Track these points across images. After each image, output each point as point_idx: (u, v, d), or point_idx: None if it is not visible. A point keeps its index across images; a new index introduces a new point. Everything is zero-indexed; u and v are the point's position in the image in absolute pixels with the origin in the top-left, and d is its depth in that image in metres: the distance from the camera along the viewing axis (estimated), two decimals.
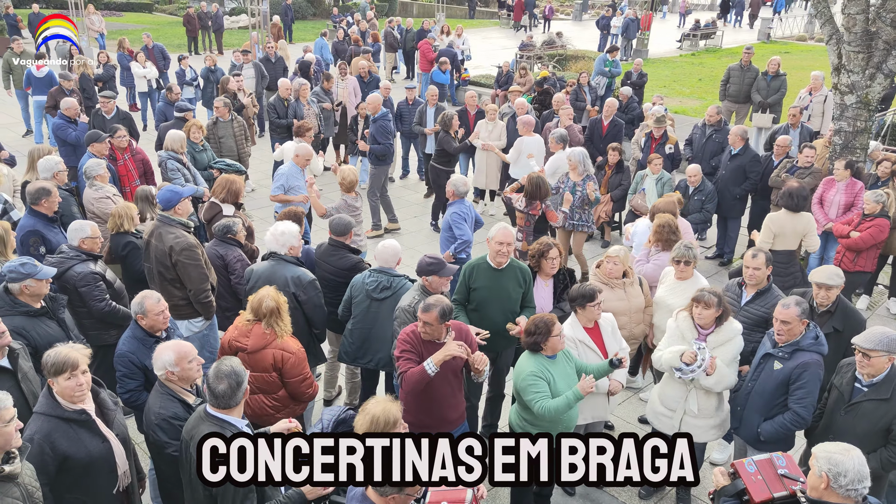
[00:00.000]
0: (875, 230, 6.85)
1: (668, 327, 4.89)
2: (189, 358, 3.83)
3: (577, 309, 4.84)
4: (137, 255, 5.87)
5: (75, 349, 3.60)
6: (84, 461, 3.55)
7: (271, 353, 4.47)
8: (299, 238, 5.51)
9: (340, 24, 21.33)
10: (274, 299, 4.51)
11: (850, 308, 5.18)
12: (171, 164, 7.75)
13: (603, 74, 14.58)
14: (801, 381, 4.32)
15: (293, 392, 4.61)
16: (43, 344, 4.45)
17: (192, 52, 22.30)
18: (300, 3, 31.91)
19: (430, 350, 4.31)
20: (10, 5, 20.88)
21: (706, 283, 5.59)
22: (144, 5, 35.67)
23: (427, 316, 4.22)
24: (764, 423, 4.50)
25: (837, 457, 3.01)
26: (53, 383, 3.54)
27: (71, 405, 3.57)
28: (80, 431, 3.58)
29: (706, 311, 4.56)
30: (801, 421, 4.37)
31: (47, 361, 3.53)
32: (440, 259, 4.85)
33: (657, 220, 6.13)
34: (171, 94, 10.51)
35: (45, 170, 6.65)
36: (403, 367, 4.27)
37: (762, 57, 14.35)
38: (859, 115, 8.46)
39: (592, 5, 39.02)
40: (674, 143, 9.57)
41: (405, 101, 11.19)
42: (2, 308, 4.48)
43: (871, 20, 8.13)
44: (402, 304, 4.90)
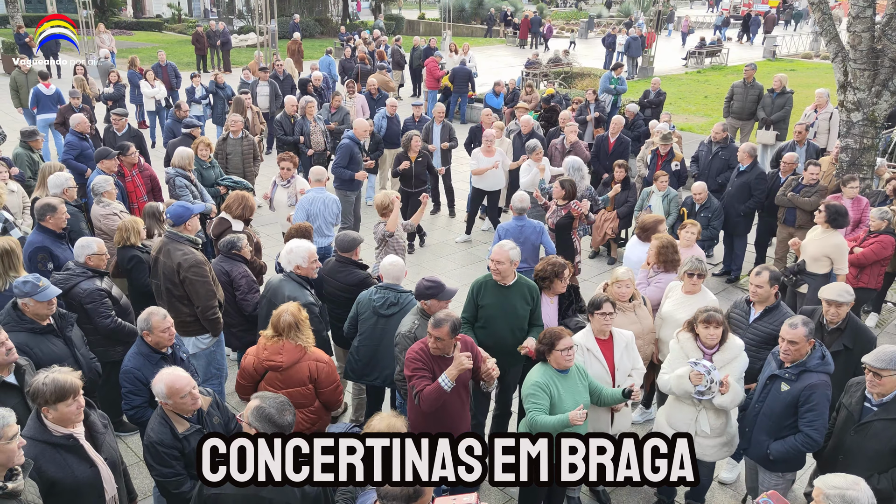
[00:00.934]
0: (877, 246, 6.82)
1: (672, 349, 4.82)
2: (181, 394, 3.77)
3: (589, 317, 4.84)
4: (143, 268, 5.88)
5: (65, 373, 3.54)
6: (71, 487, 3.50)
7: (306, 365, 4.47)
8: (310, 259, 5.42)
9: (348, 43, 21.52)
10: (293, 314, 4.49)
11: (860, 325, 5.14)
12: (179, 181, 7.80)
13: (608, 91, 14.62)
14: (811, 403, 4.26)
15: (327, 400, 4.62)
16: (45, 362, 4.39)
17: (202, 70, 22.53)
18: (308, 21, 32.26)
19: (440, 365, 4.29)
20: (21, 25, 21.16)
21: (713, 298, 5.58)
22: (154, 24, 36.15)
23: (438, 331, 4.21)
24: (774, 443, 4.45)
25: (851, 493, 3.00)
26: (49, 411, 3.48)
27: (61, 430, 3.52)
28: (67, 457, 3.52)
29: (717, 331, 4.52)
30: (813, 443, 4.32)
31: (45, 390, 3.44)
32: (439, 282, 4.79)
33: (657, 241, 6.05)
34: (180, 111, 10.61)
35: (55, 186, 6.69)
36: (419, 385, 4.23)
37: (768, 75, 14.39)
38: (866, 132, 8.46)
39: (598, 23, 39.28)
40: (680, 160, 9.58)
41: (412, 118, 11.27)
42: (8, 323, 4.46)
43: (877, 38, 8.16)
44: (402, 329, 4.83)
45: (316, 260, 5.48)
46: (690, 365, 4.46)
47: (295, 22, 26.02)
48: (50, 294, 4.49)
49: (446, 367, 4.26)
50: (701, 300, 5.39)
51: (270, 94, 13.44)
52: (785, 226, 8.42)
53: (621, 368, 4.79)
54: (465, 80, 16.89)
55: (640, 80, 22.38)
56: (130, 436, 5.78)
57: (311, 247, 5.50)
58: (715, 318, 4.51)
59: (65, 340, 4.67)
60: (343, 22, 35.05)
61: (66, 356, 4.62)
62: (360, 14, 42.96)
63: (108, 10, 32.75)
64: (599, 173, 9.92)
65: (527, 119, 10.32)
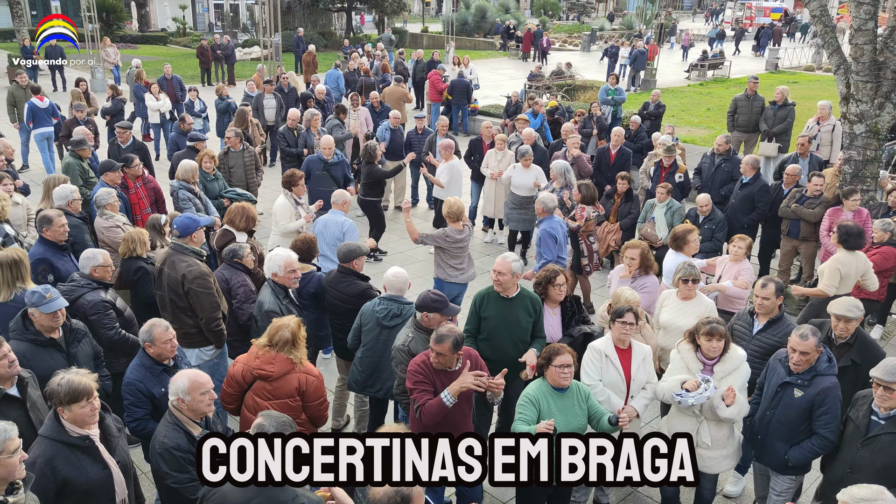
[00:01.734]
0: (879, 258, 6.80)
1: (672, 359, 4.81)
2: (203, 389, 3.80)
3: (611, 325, 4.83)
4: (148, 279, 5.89)
5: (82, 374, 3.60)
6: (83, 487, 3.54)
7: (296, 376, 4.44)
8: (287, 268, 5.35)
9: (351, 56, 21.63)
10: (292, 331, 4.45)
11: (868, 340, 5.12)
12: (183, 194, 7.82)
13: (606, 103, 14.66)
14: (825, 406, 4.34)
15: (313, 414, 4.58)
16: (41, 376, 4.36)
17: (206, 83, 22.66)
18: (312, 35, 32.43)
19: (441, 379, 4.27)
20: (28, 38, 21.31)
21: (710, 302, 5.65)
22: (159, 38, 36.40)
23: (441, 347, 4.20)
24: (791, 450, 4.49)
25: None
26: (64, 411, 3.53)
27: (77, 430, 3.57)
28: (81, 457, 3.57)
29: (719, 344, 4.51)
30: (829, 444, 4.40)
31: (59, 391, 3.51)
32: (444, 297, 4.79)
33: (632, 247, 6.16)
34: (184, 124, 10.66)
35: (60, 198, 6.71)
36: (420, 399, 4.23)
37: (770, 87, 14.40)
38: (869, 144, 8.47)
39: (601, 37, 39.45)
40: (683, 171, 9.58)
41: (414, 131, 11.32)
42: (14, 331, 4.49)
43: (879, 50, 8.18)
44: (397, 343, 4.81)
45: (294, 270, 5.39)
46: (686, 375, 4.50)
47: (299, 35, 26.17)
48: (54, 306, 4.47)
49: (449, 380, 4.24)
50: (698, 304, 5.49)
51: (276, 106, 13.52)
52: (789, 238, 8.42)
53: (637, 380, 4.78)
54: (463, 92, 16.96)
55: (642, 93, 22.44)
56: (132, 448, 5.76)
57: (289, 256, 5.41)
58: (718, 330, 4.50)
59: (68, 356, 4.62)
60: (347, 35, 35.24)
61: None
62: (363, 27, 43.20)
63: (114, 23, 32.99)
64: (602, 185, 9.92)
65: (528, 132, 10.34)
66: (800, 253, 8.54)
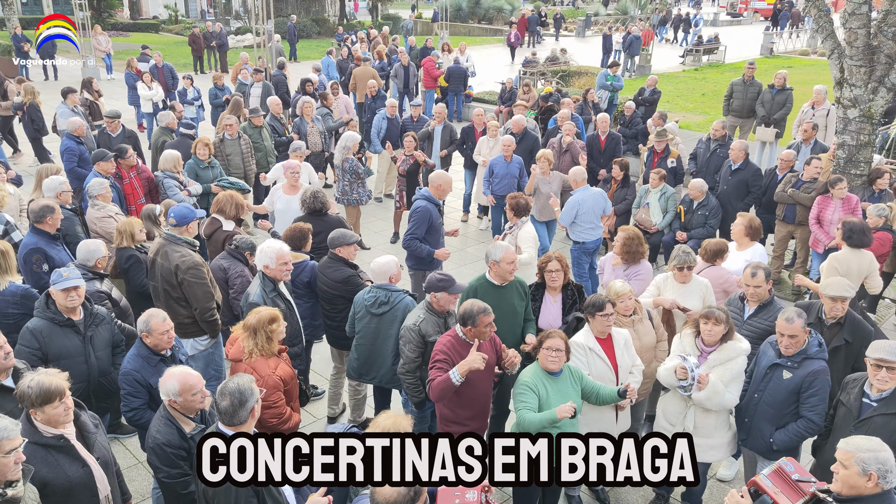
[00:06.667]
0: (876, 243, 6.77)
1: (673, 345, 4.86)
2: (194, 391, 3.78)
3: (589, 318, 4.84)
4: (140, 268, 5.89)
5: (52, 374, 3.54)
6: (64, 487, 3.50)
7: (243, 367, 4.36)
8: (279, 259, 5.18)
9: (345, 42, 21.49)
10: (259, 317, 4.36)
11: (857, 319, 5.13)
12: (168, 183, 7.84)
13: (605, 88, 14.64)
14: (813, 388, 4.35)
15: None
16: (54, 355, 4.56)
17: (198, 71, 22.50)
18: (305, 22, 32.23)
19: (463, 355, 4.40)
20: (18, 26, 21.13)
21: (706, 281, 5.72)
22: (150, 25, 36.11)
23: (489, 317, 4.43)
24: (776, 432, 4.51)
25: (883, 455, 3.10)
26: (37, 413, 3.48)
27: (51, 430, 3.52)
28: (58, 457, 3.52)
29: (716, 328, 4.53)
30: (816, 427, 4.42)
31: (30, 392, 3.44)
32: (450, 276, 4.88)
33: (623, 232, 6.15)
34: (175, 112, 10.58)
35: (49, 189, 6.69)
36: (432, 375, 4.39)
37: (766, 72, 14.39)
38: (863, 128, 8.46)
39: (595, 22, 39.27)
40: (676, 157, 9.56)
41: (410, 118, 11.28)
42: (38, 309, 4.69)
43: (873, 34, 8.15)
44: (408, 322, 4.88)
45: (286, 262, 5.24)
46: (679, 359, 4.52)
47: (292, 23, 26.00)
48: (65, 284, 4.60)
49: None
50: (696, 286, 5.63)
51: (263, 94, 13.39)
52: (784, 223, 8.41)
53: (623, 365, 4.81)
54: (460, 80, 16.89)
55: (637, 78, 22.37)
56: (129, 438, 5.78)
57: (281, 248, 5.24)
58: (714, 314, 4.53)
59: (84, 339, 4.74)
60: (340, 22, 35.01)
61: (78, 354, 4.69)
62: (357, 14, 42.91)
63: (105, 11, 32.72)
64: (594, 171, 9.91)
65: (517, 119, 10.25)
66: (795, 237, 8.55)
